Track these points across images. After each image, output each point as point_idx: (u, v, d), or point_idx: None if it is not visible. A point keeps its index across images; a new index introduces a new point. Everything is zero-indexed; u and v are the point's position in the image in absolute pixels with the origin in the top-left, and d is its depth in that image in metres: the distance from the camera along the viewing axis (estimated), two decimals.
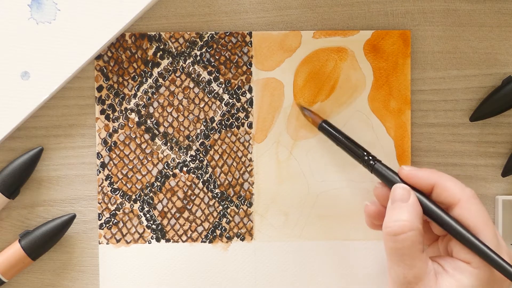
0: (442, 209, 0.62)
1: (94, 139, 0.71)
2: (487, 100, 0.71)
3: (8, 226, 0.71)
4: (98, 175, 0.71)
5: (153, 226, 0.71)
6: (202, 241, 0.71)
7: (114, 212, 0.71)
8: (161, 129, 0.71)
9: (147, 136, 0.71)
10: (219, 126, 0.71)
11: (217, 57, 0.71)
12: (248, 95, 0.71)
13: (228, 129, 0.71)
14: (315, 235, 0.71)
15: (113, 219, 0.71)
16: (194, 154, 0.71)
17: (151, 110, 0.71)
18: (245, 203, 0.71)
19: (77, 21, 0.69)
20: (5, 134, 0.69)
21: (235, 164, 0.71)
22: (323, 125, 0.69)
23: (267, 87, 0.71)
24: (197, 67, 0.71)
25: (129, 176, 0.71)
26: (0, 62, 0.69)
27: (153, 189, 0.71)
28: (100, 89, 0.70)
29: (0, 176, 0.69)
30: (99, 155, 0.71)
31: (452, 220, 0.62)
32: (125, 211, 0.71)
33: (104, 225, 0.71)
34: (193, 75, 0.71)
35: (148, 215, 0.71)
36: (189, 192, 0.71)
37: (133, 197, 0.71)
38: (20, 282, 0.71)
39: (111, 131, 0.70)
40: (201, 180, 0.71)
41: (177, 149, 0.71)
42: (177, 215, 0.71)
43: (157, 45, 0.70)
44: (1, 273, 0.68)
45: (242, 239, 0.71)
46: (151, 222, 0.71)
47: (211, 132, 0.71)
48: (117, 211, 0.71)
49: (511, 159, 0.71)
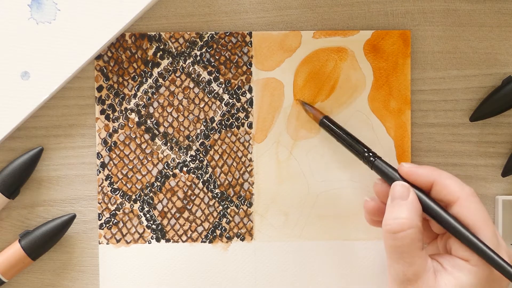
0: (441, 207, 0.62)
1: (94, 139, 0.71)
2: (487, 100, 0.71)
3: (8, 226, 0.71)
4: (98, 175, 0.71)
5: (153, 226, 0.71)
6: (202, 241, 0.71)
7: (114, 212, 0.71)
8: (161, 129, 0.71)
9: (147, 136, 0.71)
10: (219, 126, 0.71)
11: (217, 57, 0.71)
12: (248, 95, 0.71)
13: (228, 129, 0.71)
14: (315, 235, 0.71)
15: (113, 219, 0.71)
16: (194, 154, 0.71)
17: (151, 110, 0.71)
18: (245, 203, 0.71)
19: (77, 21, 0.69)
20: (5, 134, 0.69)
21: (235, 164, 0.71)
22: (324, 121, 0.69)
23: (267, 87, 0.71)
24: (197, 67, 0.71)
25: (129, 176, 0.71)
26: (0, 62, 0.69)
27: (153, 189, 0.71)
28: (100, 89, 0.70)
29: (0, 176, 0.69)
30: (99, 155, 0.71)
31: (451, 218, 0.62)
32: (125, 211, 0.71)
33: (104, 225, 0.71)
34: (193, 75, 0.71)
35: (148, 215, 0.71)
36: (189, 192, 0.71)
37: (133, 197, 0.71)
38: (20, 282, 0.71)
39: (111, 131, 0.71)
40: (201, 180, 0.71)
41: (177, 149, 0.71)
42: (177, 215, 0.71)
43: (157, 45, 0.70)
44: (1, 273, 0.68)
45: (242, 239, 0.71)
46: (151, 222, 0.71)
47: (211, 132, 0.71)
48: (117, 211, 0.71)
49: (511, 159, 0.71)
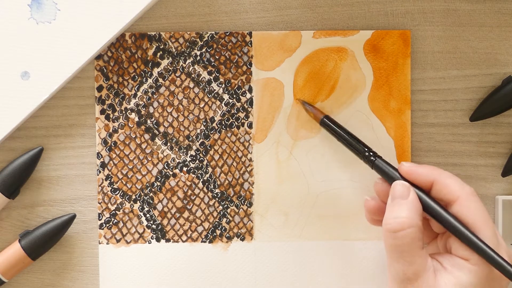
0: (442, 206, 0.62)
1: (94, 139, 0.71)
2: (487, 100, 0.71)
3: (8, 226, 0.71)
4: (98, 175, 0.71)
5: (153, 226, 0.71)
6: (202, 241, 0.71)
7: (114, 212, 0.71)
8: (161, 129, 0.71)
9: (147, 136, 0.71)
10: (219, 126, 0.71)
11: (217, 57, 0.71)
12: (248, 95, 0.71)
13: (228, 129, 0.71)
14: (315, 235, 0.71)
15: (113, 219, 0.71)
16: (194, 154, 0.71)
17: (151, 110, 0.71)
18: (245, 203, 0.71)
19: (77, 21, 0.69)
20: (5, 134, 0.69)
21: (235, 164, 0.71)
22: (324, 120, 0.69)
23: (267, 87, 0.71)
24: (197, 67, 0.71)
25: (129, 176, 0.71)
26: (0, 62, 0.69)
27: (153, 189, 0.71)
28: (100, 89, 0.70)
29: (0, 176, 0.69)
30: (99, 155, 0.71)
31: (451, 217, 0.62)
32: (125, 211, 0.71)
33: (104, 225, 0.71)
34: (193, 75, 0.71)
35: (148, 215, 0.71)
36: (189, 192, 0.71)
37: (133, 197, 0.71)
38: (20, 282, 0.71)
39: (111, 131, 0.71)
40: (201, 180, 0.71)
41: (177, 149, 0.71)
42: (177, 215, 0.71)
43: (157, 45, 0.70)
44: (1, 273, 0.68)
45: (242, 239, 0.71)
46: (151, 222, 0.71)
47: (211, 132, 0.71)
48: (117, 211, 0.71)
49: (511, 159, 0.71)
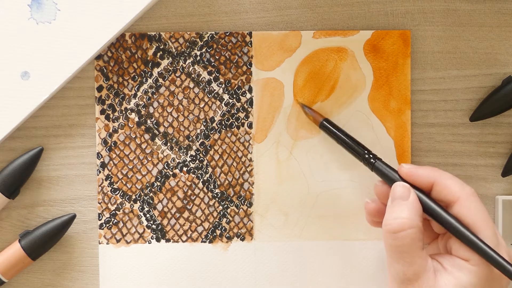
0: (442, 207, 0.62)
1: (94, 139, 0.71)
2: (487, 100, 0.71)
3: (8, 226, 0.71)
4: (98, 175, 0.71)
5: (153, 226, 0.71)
6: (202, 241, 0.71)
7: (114, 212, 0.71)
8: (161, 129, 0.71)
9: (147, 136, 0.71)
10: (219, 126, 0.71)
11: (217, 57, 0.71)
12: (248, 95, 0.71)
13: (228, 129, 0.71)
14: (315, 235, 0.71)
15: (113, 219, 0.71)
16: (194, 154, 0.71)
17: (151, 110, 0.71)
18: (245, 203, 0.71)
19: (77, 21, 0.69)
20: (5, 134, 0.69)
21: (235, 164, 0.71)
22: (324, 123, 0.69)
23: (267, 87, 0.71)
24: (197, 67, 0.71)
25: (129, 176, 0.71)
26: (0, 62, 0.69)
27: (153, 189, 0.71)
28: (100, 89, 0.70)
29: (0, 176, 0.69)
30: (99, 155, 0.71)
31: (451, 217, 0.62)
32: (125, 211, 0.71)
33: (104, 225, 0.71)
34: (193, 75, 0.71)
35: (148, 215, 0.71)
36: (189, 192, 0.71)
37: (133, 197, 0.71)
38: (20, 282, 0.71)
39: (111, 131, 0.71)
40: (201, 180, 0.71)
41: (177, 149, 0.71)
42: (177, 215, 0.71)
43: (157, 45, 0.70)
44: (1, 273, 0.68)
45: (242, 239, 0.71)
46: (151, 222, 0.71)
47: (211, 132, 0.71)
48: (117, 211, 0.71)
49: (511, 159, 0.71)
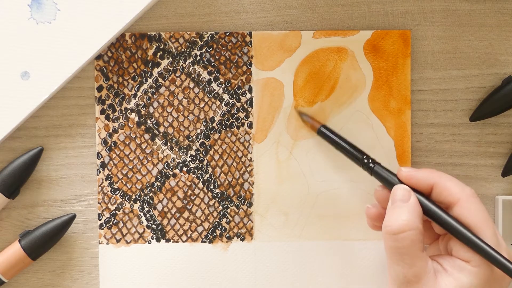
0: (442, 209, 0.62)
1: (94, 139, 0.71)
2: (487, 100, 0.71)
3: (8, 226, 0.71)
4: (98, 175, 0.71)
5: (153, 226, 0.71)
6: (202, 241, 0.71)
7: (114, 212, 0.71)
8: (161, 129, 0.71)
9: (147, 136, 0.71)
10: (219, 126, 0.71)
11: (217, 57, 0.71)
12: (248, 95, 0.71)
13: (228, 129, 0.71)
14: (315, 235, 0.71)
15: (113, 219, 0.71)
16: (194, 154, 0.71)
17: (151, 110, 0.71)
18: (245, 203, 0.71)
19: (77, 21, 0.69)
20: (5, 134, 0.69)
21: (235, 164, 0.71)
22: (321, 130, 0.69)
23: (267, 87, 0.71)
24: (197, 67, 0.71)
25: (129, 176, 0.71)
26: (0, 62, 0.69)
27: (153, 189, 0.71)
28: (100, 89, 0.70)
29: (0, 176, 0.69)
30: (99, 155, 0.71)
31: (451, 219, 0.62)
32: (125, 211, 0.71)
33: (104, 225, 0.71)
34: (193, 75, 0.71)
35: (148, 215, 0.71)
36: (189, 192, 0.71)
37: (133, 197, 0.71)
38: (20, 282, 0.71)
39: (111, 131, 0.70)
40: (201, 180, 0.71)
41: (177, 149, 0.71)
42: (177, 215, 0.71)
43: (157, 45, 0.70)
44: (1, 273, 0.68)
45: (242, 239, 0.71)
46: (151, 222, 0.71)
47: (211, 132, 0.71)
48: (117, 211, 0.71)
49: (511, 159, 0.71)
